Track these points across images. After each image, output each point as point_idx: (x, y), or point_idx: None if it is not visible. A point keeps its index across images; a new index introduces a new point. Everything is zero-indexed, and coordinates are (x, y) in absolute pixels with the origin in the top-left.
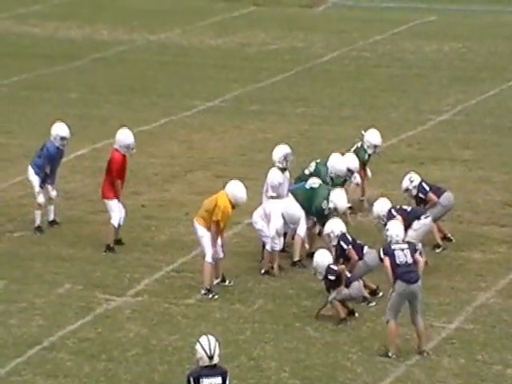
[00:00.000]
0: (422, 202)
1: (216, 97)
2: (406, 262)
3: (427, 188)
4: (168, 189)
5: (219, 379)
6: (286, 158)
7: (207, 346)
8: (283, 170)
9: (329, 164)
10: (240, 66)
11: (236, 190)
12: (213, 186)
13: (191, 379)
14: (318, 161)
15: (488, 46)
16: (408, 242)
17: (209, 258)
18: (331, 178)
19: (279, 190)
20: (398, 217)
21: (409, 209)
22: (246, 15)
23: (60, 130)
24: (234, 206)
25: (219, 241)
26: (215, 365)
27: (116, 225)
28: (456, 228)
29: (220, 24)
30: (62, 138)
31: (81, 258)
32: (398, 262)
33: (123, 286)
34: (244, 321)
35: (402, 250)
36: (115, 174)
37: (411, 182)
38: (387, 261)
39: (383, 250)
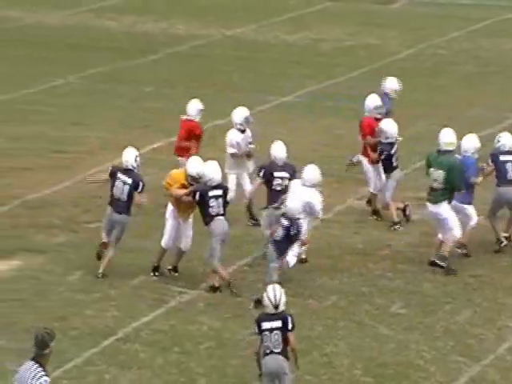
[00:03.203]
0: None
1: (290, 92)
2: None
3: (390, 150)
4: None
5: (279, 322)
6: (247, 120)
7: (273, 295)
8: (243, 131)
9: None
10: (315, 62)
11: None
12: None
13: (255, 324)
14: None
15: None
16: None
17: (162, 243)
18: None
19: (238, 147)
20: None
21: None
22: (321, 11)
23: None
24: (190, 183)
25: (189, 232)
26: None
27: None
28: None
29: (295, 19)
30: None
31: (155, 250)
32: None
33: (196, 280)
34: (316, 317)
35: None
36: None
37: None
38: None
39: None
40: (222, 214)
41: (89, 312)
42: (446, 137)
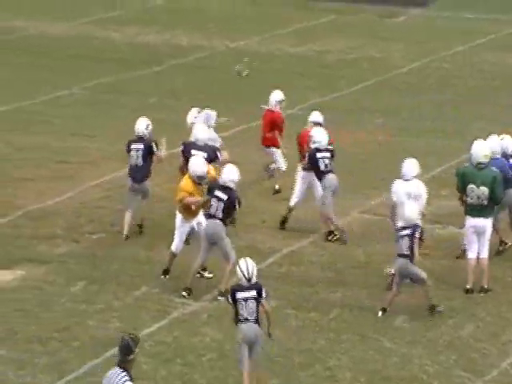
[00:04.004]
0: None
1: (294, 105)
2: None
3: (316, 153)
4: (245, 195)
5: (254, 292)
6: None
7: (245, 269)
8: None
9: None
10: (318, 74)
11: (192, 164)
12: (291, 194)
13: (229, 294)
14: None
15: None
16: None
17: (173, 247)
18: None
19: None
20: None
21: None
22: (326, 23)
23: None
24: (198, 183)
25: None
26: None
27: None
28: None
29: (299, 32)
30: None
31: (158, 261)
32: None
33: (199, 291)
34: (319, 329)
35: None
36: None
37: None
38: None
39: None
40: (216, 217)
41: (91, 323)
42: (483, 149)
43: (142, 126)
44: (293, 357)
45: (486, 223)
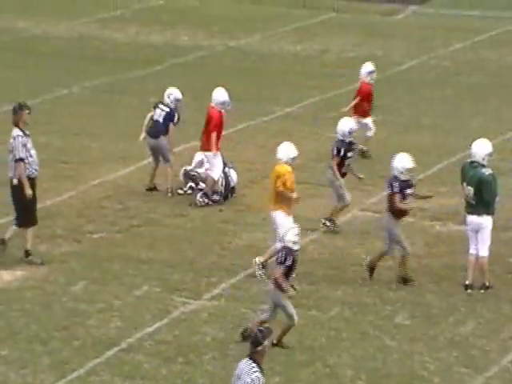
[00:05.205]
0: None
1: (294, 103)
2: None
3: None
4: (245, 193)
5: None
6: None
7: None
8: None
9: None
10: (319, 73)
11: (285, 150)
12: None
13: None
14: None
15: None
16: None
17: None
18: None
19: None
20: None
21: None
22: (326, 22)
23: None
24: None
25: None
26: None
27: (216, 178)
28: None
29: (299, 30)
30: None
31: (159, 261)
32: None
33: (200, 290)
34: (320, 327)
35: None
36: (212, 129)
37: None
38: None
39: None
40: None
41: (92, 322)
42: (480, 149)
43: (166, 95)
44: (293, 354)
45: (480, 221)
